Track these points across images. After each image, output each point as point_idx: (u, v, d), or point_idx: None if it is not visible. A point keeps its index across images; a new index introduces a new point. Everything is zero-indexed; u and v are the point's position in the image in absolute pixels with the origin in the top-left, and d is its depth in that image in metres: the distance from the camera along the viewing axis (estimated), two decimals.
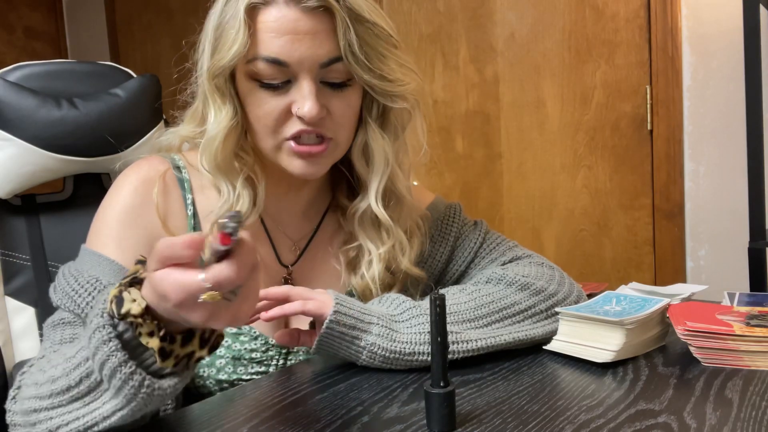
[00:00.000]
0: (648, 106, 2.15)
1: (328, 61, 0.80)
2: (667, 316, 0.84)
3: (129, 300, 0.57)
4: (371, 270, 0.92)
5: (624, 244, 2.24)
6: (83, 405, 0.61)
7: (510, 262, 0.98)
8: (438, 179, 2.55)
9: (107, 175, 1.16)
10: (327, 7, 0.78)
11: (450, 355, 0.78)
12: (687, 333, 0.78)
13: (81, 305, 0.77)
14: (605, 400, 0.68)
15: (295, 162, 0.84)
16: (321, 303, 0.78)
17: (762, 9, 1.55)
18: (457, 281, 1.01)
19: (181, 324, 0.58)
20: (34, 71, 1.11)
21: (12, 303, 1.07)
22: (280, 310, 0.77)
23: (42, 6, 3.67)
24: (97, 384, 0.61)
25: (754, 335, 0.76)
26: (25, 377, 0.70)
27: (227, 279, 0.52)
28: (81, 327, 0.77)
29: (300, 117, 0.81)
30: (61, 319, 0.78)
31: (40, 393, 0.64)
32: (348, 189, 0.96)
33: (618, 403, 0.67)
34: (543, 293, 0.88)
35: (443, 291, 0.88)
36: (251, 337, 0.87)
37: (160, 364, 0.58)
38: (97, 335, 0.58)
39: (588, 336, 0.81)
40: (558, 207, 2.34)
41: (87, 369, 0.60)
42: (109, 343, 0.57)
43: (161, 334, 0.57)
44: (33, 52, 3.60)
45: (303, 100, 0.80)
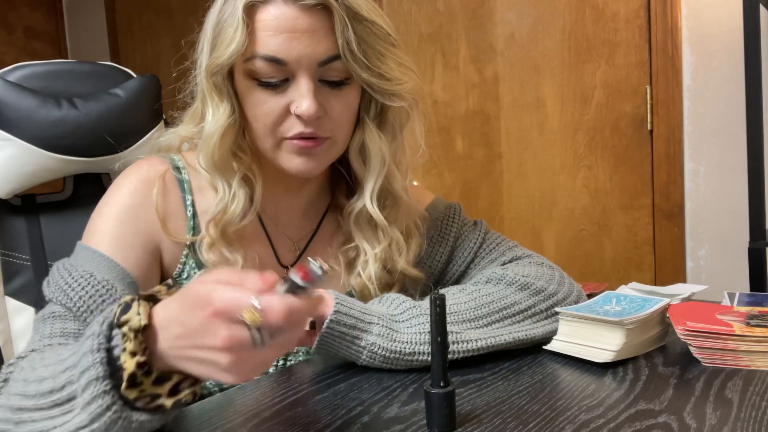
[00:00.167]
0: (648, 106, 2.15)
1: (326, 60, 0.80)
2: (667, 316, 0.84)
3: (135, 311, 0.56)
4: (367, 270, 0.92)
5: (624, 244, 2.24)
6: (61, 413, 0.59)
7: (510, 262, 0.98)
8: (438, 179, 2.55)
9: (107, 175, 1.16)
10: (325, 5, 0.78)
11: (450, 355, 0.78)
12: (687, 333, 0.78)
13: (74, 299, 0.76)
14: (605, 400, 0.68)
15: (293, 160, 0.84)
16: (322, 305, 0.78)
17: (762, 9, 1.55)
18: (457, 281, 1.01)
19: (169, 364, 0.56)
20: (34, 71, 1.11)
21: (12, 303, 1.07)
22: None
23: (42, 6, 3.68)
24: (74, 395, 0.58)
25: (754, 335, 0.76)
26: (15, 372, 0.68)
27: (278, 311, 0.51)
28: (72, 321, 0.76)
29: (298, 116, 0.81)
30: (52, 313, 0.77)
31: (27, 391, 0.62)
32: (347, 189, 0.96)
33: (618, 403, 0.67)
34: (543, 293, 0.88)
35: (443, 291, 0.88)
36: None
37: (123, 389, 0.55)
38: (89, 342, 0.56)
39: (588, 336, 0.81)
40: (558, 207, 2.34)
41: (72, 375, 0.58)
42: (96, 354, 0.55)
43: (141, 359, 0.55)
44: (33, 52, 3.60)
45: (301, 98, 0.80)
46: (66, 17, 3.77)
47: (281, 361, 0.89)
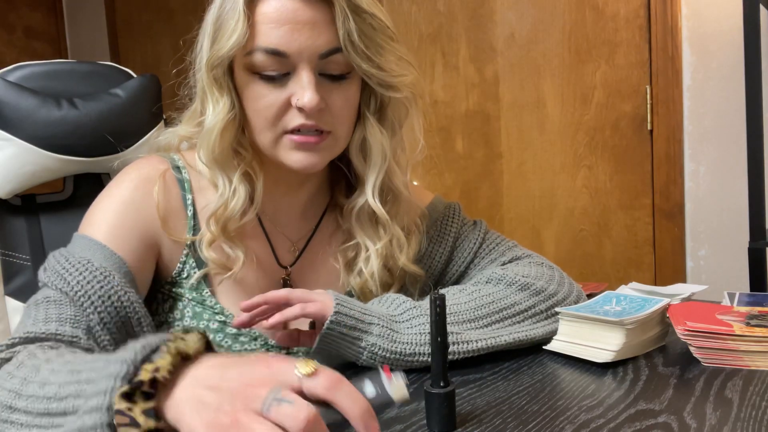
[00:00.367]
0: (648, 106, 2.15)
1: (327, 52, 0.80)
2: (667, 316, 0.84)
3: (165, 361, 0.50)
4: (369, 266, 0.91)
5: (624, 244, 2.24)
6: (49, 425, 0.56)
7: (510, 262, 0.98)
8: (438, 179, 2.55)
9: (107, 175, 1.16)
10: None
11: (450, 356, 0.78)
12: (687, 333, 0.78)
13: (71, 283, 0.75)
14: (605, 400, 0.68)
15: (294, 155, 0.84)
16: (321, 305, 0.77)
17: (762, 9, 1.55)
18: (457, 281, 1.01)
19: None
20: (34, 71, 1.11)
21: (12, 303, 1.07)
22: (281, 316, 0.76)
23: (42, 6, 3.67)
24: (73, 410, 0.54)
25: (754, 335, 0.76)
26: (12, 366, 0.64)
27: (329, 386, 0.47)
28: (68, 306, 0.75)
29: (300, 108, 0.80)
30: (47, 298, 0.76)
31: (22, 390, 0.60)
32: (347, 188, 0.96)
33: (618, 403, 0.67)
34: (543, 293, 0.88)
35: (443, 291, 0.88)
36: (251, 338, 0.87)
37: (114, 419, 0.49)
38: (109, 375, 0.51)
39: (588, 336, 0.81)
40: (558, 207, 2.34)
41: (82, 390, 0.54)
42: (117, 380, 0.50)
43: (147, 405, 0.49)
44: (33, 52, 3.59)
45: (302, 90, 0.80)
46: (66, 17, 3.77)
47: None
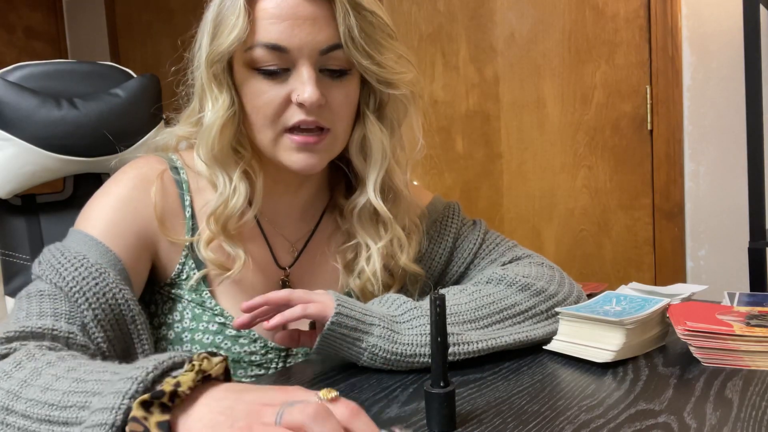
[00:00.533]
0: (648, 106, 2.15)
1: (327, 48, 0.81)
2: (667, 316, 0.84)
3: (187, 377, 0.51)
4: (371, 265, 0.91)
5: (624, 244, 2.24)
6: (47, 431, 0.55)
7: (510, 262, 0.98)
8: (438, 179, 2.55)
9: (107, 175, 1.16)
10: None
11: (450, 357, 0.78)
12: (687, 333, 0.78)
13: (66, 278, 0.75)
14: (605, 400, 0.68)
15: (293, 156, 0.83)
16: (322, 305, 0.77)
17: (762, 9, 1.55)
18: (457, 282, 1.01)
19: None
20: (34, 71, 1.11)
21: (12, 303, 1.07)
22: (281, 317, 0.76)
23: (42, 6, 3.68)
24: (77, 421, 0.54)
25: (754, 335, 0.76)
26: (8, 365, 0.63)
27: (348, 415, 0.48)
28: (63, 301, 0.74)
29: (300, 103, 0.80)
30: (40, 291, 0.75)
31: (21, 392, 0.59)
32: (347, 189, 0.96)
33: (618, 403, 0.67)
34: (543, 294, 0.88)
35: (443, 291, 0.88)
36: (250, 340, 0.87)
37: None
38: (117, 392, 0.52)
39: (588, 336, 0.81)
40: (558, 207, 2.34)
41: (88, 401, 0.54)
42: (125, 399, 0.51)
43: (162, 418, 0.49)
44: (33, 52, 3.60)
45: (303, 86, 0.80)
46: (66, 17, 3.77)
47: (281, 363, 0.89)
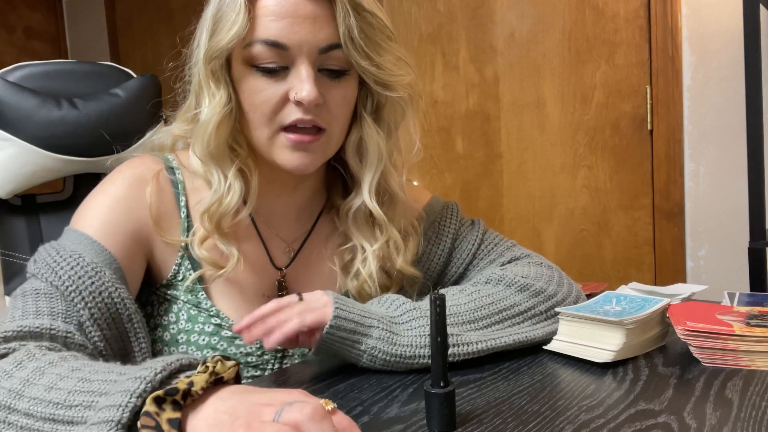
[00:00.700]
0: (648, 106, 2.15)
1: (326, 47, 0.81)
2: (667, 316, 0.84)
3: (201, 377, 0.52)
4: (367, 267, 0.91)
5: (624, 244, 2.24)
6: (50, 430, 0.55)
7: (509, 262, 0.98)
8: (438, 179, 2.55)
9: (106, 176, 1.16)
10: None
11: (450, 358, 0.78)
12: (687, 333, 0.78)
13: (63, 278, 0.75)
14: (605, 400, 0.68)
15: (288, 155, 0.83)
16: (320, 313, 0.76)
17: (762, 9, 1.55)
18: (456, 282, 1.00)
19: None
20: (34, 71, 1.11)
21: (13, 293, 1.07)
22: (280, 334, 0.75)
23: (42, 6, 3.68)
24: (82, 420, 0.54)
25: (754, 335, 0.76)
26: (8, 364, 0.62)
27: (341, 429, 0.51)
28: (59, 300, 0.74)
29: (298, 101, 0.80)
30: (36, 290, 0.75)
31: (24, 391, 0.59)
32: (344, 190, 0.96)
33: (618, 403, 0.67)
34: (543, 294, 0.88)
35: (443, 291, 0.88)
36: None
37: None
38: (125, 391, 0.52)
39: (588, 336, 0.81)
40: (558, 207, 2.34)
41: (94, 401, 0.55)
42: (133, 397, 0.51)
43: (173, 415, 0.50)
44: (33, 52, 3.60)
45: (301, 84, 0.80)
46: (66, 17, 3.77)
47: (277, 364, 0.89)
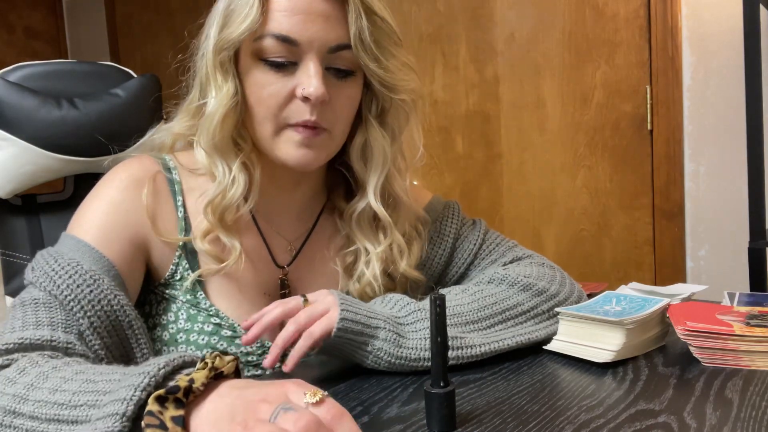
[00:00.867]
0: (648, 106, 2.15)
1: (336, 47, 0.81)
2: (667, 316, 0.84)
3: (201, 374, 0.53)
4: (370, 269, 0.91)
5: (624, 244, 2.24)
6: (56, 431, 0.56)
7: (511, 262, 0.98)
8: (438, 179, 2.55)
9: None
10: None
11: (453, 361, 0.78)
12: (687, 333, 0.78)
13: (61, 287, 0.74)
14: (605, 400, 0.68)
15: (292, 151, 0.83)
16: (326, 323, 0.76)
17: (762, 9, 1.55)
18: (457, 282, 1.00)
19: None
20: (34, 71, 1.11)
21: (12, 303, 1.07)
22: (297, 354, 0.75)
23: (42, 6, 3.67)
24: (86, 419, 0.55)
25: (754, 335, 0.76)
26: (12, 372, 0.63)
27: (331, 418, 0.52)
28: (58, 310, 0.74)
29: (305, 97, 0.80)
30: (35, 300, 0.75)
31: (28, 395, 0.59)
32: (346, 192, 0.96)
33: (618, 403, 0.67)
34: (545, 294, 0.88)
35: (445, 291, 0.88)
36: None
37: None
38: (129, 386, 0.53)
39: (588, 336, 0.81)
40: (558, 207, 2.34)
41: (98, 400, 0.56)
42: (137, 391, 0.52)
43: (177, 413, 0.51)
44: (33, 52, 3.59)
45: (309, 79, 0.80)
46: (66, 17, 3.77)
47: (278, 364, 0.88)
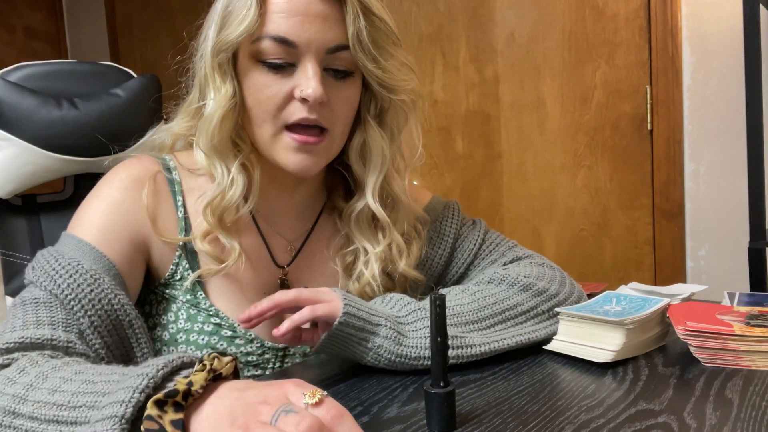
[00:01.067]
0: (648, 106, 2.15)
1: (334, 47, 0.81)
2: (667, 316, 0.84)
3: (199, 376, 0.53)
4: (369, 269, 0.91)
5: (624, 244, 2.24)
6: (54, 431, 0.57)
7: (511, 262, 0.98)
8: (438, 179, 2.55)
9: None
10: None
11: (453, 360, 0.78)
12: (687, 333, 0.78)
13: (62, 286, 0.74)
14: (605, 400, 0.68)
15: (291, 156, 0.83)
16: (330, 306, 0.77)
17: (762, 9, 1.55)
18: (457, 282, 1.00)
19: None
20: (34, 71, 1.11)
21: (12, 302, 1.07)
22: (290, 322, 0.75)
23: (42, 6, 3.67)
24: (85, 420, 0.55)
25: (754, 335, 0.76)
26: (12, 372, 0.63)
27: (331, 418, 0.52)
28: (59, 309, 0.74)
29: (304, 98, 0.80)
30: (35, 299, 0.75)
31: (28, 396, 0.59)
32: (345, 192, 0.96)
33: (618, 403, 0.67)
34: (545, 294, 0.88)
35: (445, 291, 0.88)
36: (246, 340, 0.86)
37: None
38: (128, 387, 0.53)
39: (588, 336, 0.81)
40: (558, 207, 2.34)
41: (98, 401, 0.56)
42: (136, 393, 0.52)
43: (176, 416, 0.51)
44: (33, 52, 3.59)
45: (308, 81, 0.80)
46: (66, 17, 3.77)
47: (278, 363, 0.89)
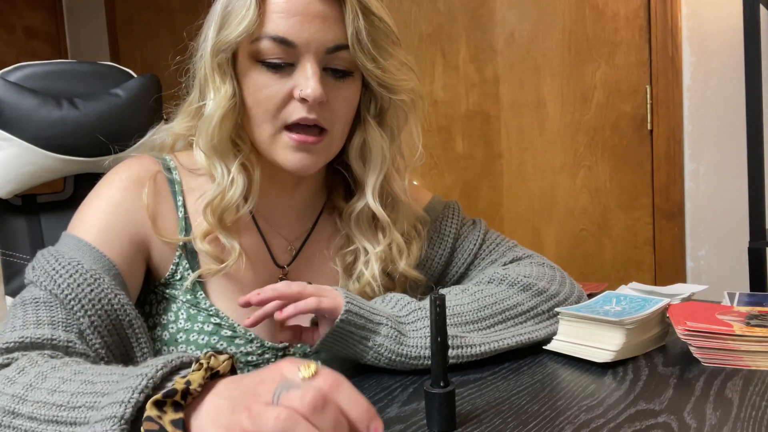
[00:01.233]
0: (648, 106, 2.15)
1: (334, 47, 0.81)
2: (667, 316, 0.84)
3: (197, 375, 0.52)
4: (369, 269, 0.91)
5: (624, 244, 2.24)
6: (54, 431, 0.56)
7: (511, 262, 0.98)
8: (438, 179, 2.55)
9: None
10: None
11: (453, 360, 0.78)
12: (687, 333, 0.78)
13: (62, 286, 0.74)
14: (605, 400, 0.68)
15: (290, 155, 0.83)
16: (334, 301, 0.77)
17: (762, 9, 1.55)
18: (457, 282, 1.00)
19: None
20: (34, 71, 1.11)
21: (12, 302, 1.07)
22: (294, 308, 0.75)
23: (42, 6, 3.67)
24: (84, 421, 0.55)
25: (754, 335, 0.76)
26: (11, 372, 0.63)
27: (329, 388, 0.47)
28: (59, 309, 0.74)
29: (303, 98, 0.80)
30: (35, 299, 0.75)
31: (27, 396, 0.59)
32: (345, 192, 0.96)
33: (618, 403, 0.67)
34: (545, 294, 0.88)
35: (445, 291, 0.88)
36: (246, 340, 0.86)
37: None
38: (128, 387, 0.53)
39: (588, 336, 0.81)
40: (558, 207, 2.34)
41: (97, 402, 0.55)
42: (135, 393, 0.52)
43: (176, 416, 0.50)
44: (33, 52, 3.59)
45: (307, 81, 0.80)
46: (66, 17, 3.77)
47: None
